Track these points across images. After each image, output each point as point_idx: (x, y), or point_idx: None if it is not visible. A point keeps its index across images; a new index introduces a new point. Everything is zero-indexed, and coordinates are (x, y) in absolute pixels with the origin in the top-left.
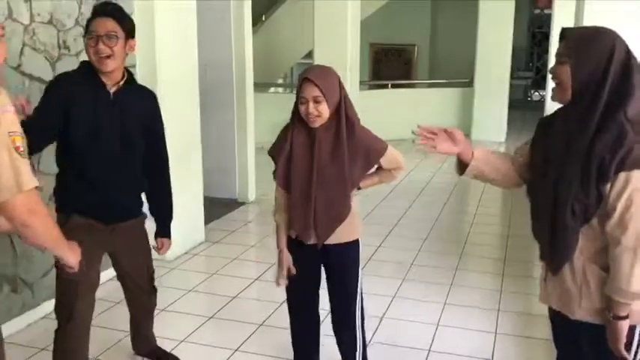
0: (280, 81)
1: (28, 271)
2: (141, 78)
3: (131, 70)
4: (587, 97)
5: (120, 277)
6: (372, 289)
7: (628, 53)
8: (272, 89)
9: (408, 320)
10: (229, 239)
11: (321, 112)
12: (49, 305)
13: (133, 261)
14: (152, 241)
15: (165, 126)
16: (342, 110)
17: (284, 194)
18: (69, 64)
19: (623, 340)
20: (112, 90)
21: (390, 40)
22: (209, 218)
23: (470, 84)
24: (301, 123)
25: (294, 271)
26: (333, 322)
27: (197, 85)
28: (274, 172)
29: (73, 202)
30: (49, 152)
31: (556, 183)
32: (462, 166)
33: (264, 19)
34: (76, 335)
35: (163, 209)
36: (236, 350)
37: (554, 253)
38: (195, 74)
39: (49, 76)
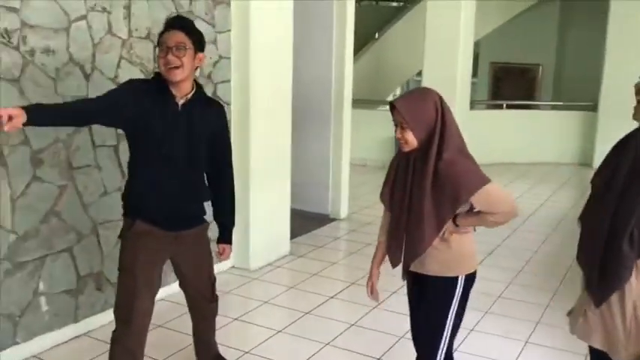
0: (390, 98)
1: (112, 271)
2: (234, 90)
3: (225, 83)
4: None
5: (182, 283)
6: None
7: None
8: (381, 107)
9: (481, 356)
10: (314, 254)
11: (407, 139)
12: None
13: (195, 268)
14: (214, 247)
15: (253, 138)
16: (436, 137)
17: (388, 215)
18: None
19: None
20: (181, 102)
21: (512, 59)
22: (299, 232)
23: (594, 108)
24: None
25: (375, 296)
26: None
27: (290, 99)
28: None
29: (139, 208)
30: None
31: (616, 207)
32: None
33: (377, 36)
34: (133, 337)
35: (226, 215)
36: None
37: (602, 282)
38: (288, 88)
39: None
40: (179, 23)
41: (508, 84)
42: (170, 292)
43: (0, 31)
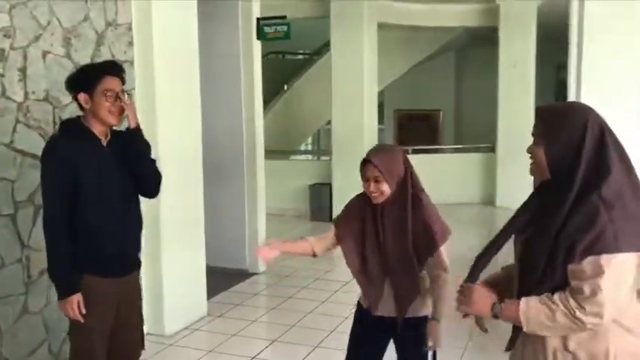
0: (303, 147)
1: (12, 350)
2: None
3: None
4: (562, 177)
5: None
6: None
7: (602, 130)
8: (293, 156)
9: None
10: (233, 313)
11: (382, 191)
12: None
13: (131, 315)
14: None
15: (163, 192)
16: (408, 185)
17: (328, 245)
18: None
19: None
20: (105, 142)
21: (414, 106)
22: (216, 290)
23: (493, 149)
24: (368, 200)
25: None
26: None
27: (200, 153)
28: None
29: (87, 259)
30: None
31: (522, 261)
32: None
33: (285, 88)
34: None
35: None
36: None
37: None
38: (198, 141)
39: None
40: (118, 69)
41: (412, 129)
42: None
43: None
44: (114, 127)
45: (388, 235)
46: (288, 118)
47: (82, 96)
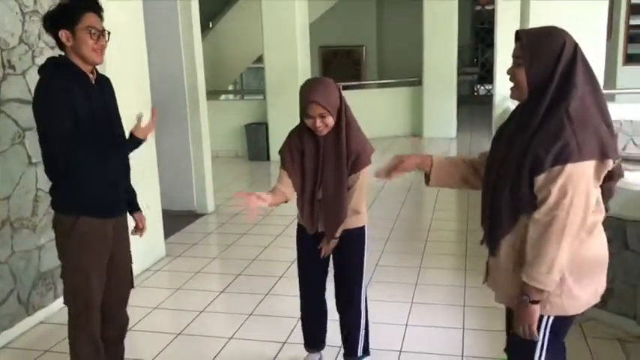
0: (231, 87)
1: None
2: None
3: None
4: (535, 95)
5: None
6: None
7: (575, 52)
8: (223, 96)
9: (376, 322)
10: (191, 252)
11: (327, 124)
12: (9, 334)
13: (124, 256)
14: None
15: None
16: (343, 116)
17: (289, 183)
18: (15, 84)
19: (536, 322)
20: (93, 79)
21: (338, 42)
22: (168, 232)
23: (419, 83)
24: (309, 129)
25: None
26: (338, 303)
27: (148, 94)
28: (282, 166)
29: (84, 200)
30: None
31: (497, 176)
32: (426, 176)
33: (211, 26)
34: (93, 326)
35: (130, 183)
36: None
37: (490, 235)
38: (146, 85)
39: None
40: (99, 7)
41: (336, 66)
42: (48, 313)
43: None
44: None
45: (327, 161)
46: (215, 57)
47: (63, 33)
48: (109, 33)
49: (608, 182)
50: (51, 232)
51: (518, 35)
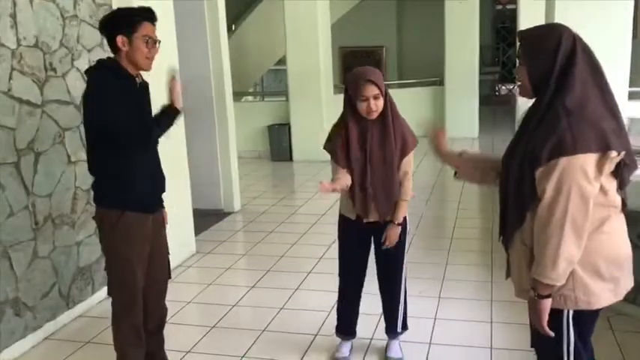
0: (251, 90)
1: (29, 294)
2: None
3: None
4: (538, 91)
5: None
6: (368, 289)
7: (574, 47)
8: (244, 98)
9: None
10: (220, 249)
11: (379, 107)
12: (51, 326)
13: (162, 249)
14: None
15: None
16: (388, 102)
17: (342, 171)
18: (56, 86)
19: (546, 317)
20: (139, 82)
21: (358, 43)
22: (198, 230)
23: (441, 82)
24: (354, 118)
25: (346, 182)
26: (382, 284)
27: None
28: (332, 159)
29: (128, 196)
30: None
31: (507, 174)
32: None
33: (233, 28)
34: (137, 315)
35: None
36: (243, 357)
37: (504, 231)
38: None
39: (37, 98)
40: (155, 17)
41: (356, 66)
42: (87, 307)
43: None
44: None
45: (374, 145)
46: (237, 59)
47: (120, 38)
48: (159, 42)
49: (619, 173)
50: (89, 229)
51: (519, 35)
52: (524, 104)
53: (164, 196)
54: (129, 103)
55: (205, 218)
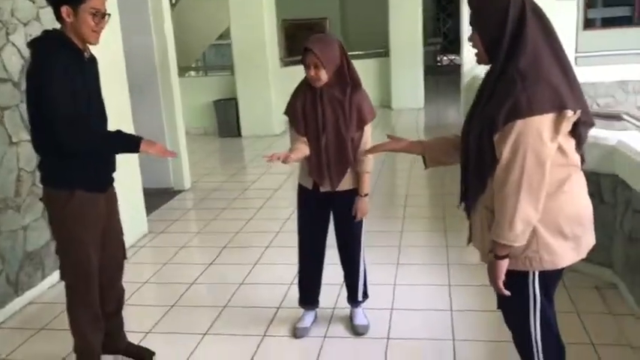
0: (194, 65)
1: None
2: None
3: None
4: (493, 57)
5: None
6: (328, 260)
7: (523, 9)
8: (187, 74)
9: (370, 283)
10: (173, 228)
11: (320, 76)
12: (0, 315)
13: (116, 228)
14: None
15: None
16: (345, 71)
17: (303, 140)
18: None
19: (502, 278)
20: (87, 56)
21: (300, 15)
22: (148, 209)
23: (386, 54)
24: (309, 84)
25: (281, 158)
26: (342, 258)
27: (125, 76)
28: (290, 124)
29: (79, 174)
30: None
31: (467, 140)
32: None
33: (174, 1)
34: (94, 299)
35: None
36: (205, 334)
37: (466, 196)
38: (122, 64)
39: None
40: None
41: (300, 39)
42: (37, 293)
43: None
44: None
45: (328, 114)
46: (179, 34)
47: (65, 9)
48: (109, 15)
49: (577, 131)
50: (36, 212)
51: (468, 2)
52: (468, 72)
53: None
54: (75, 79)
55: (155, 197)
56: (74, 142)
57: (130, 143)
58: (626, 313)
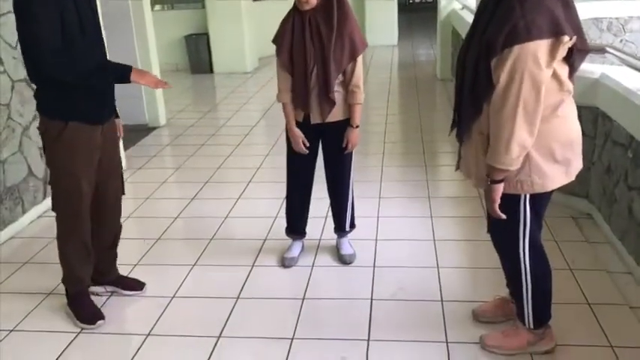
0: None
1: None
2: None
3: None
4: None
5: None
6: (314, 194)
7: None
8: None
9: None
10: (152, 164)
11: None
12: None
13: (115, 162)
14: None
15: None
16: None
17: (287, 77)
18: None
19: (498, 201)
20: None
21: None
22: (125, 145)
23: None
24: (298, 10)
25: (307, 143)
26: (330, 187)
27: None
28: (277, 55)
29: (73, 105)
30: None
31: (462, 67)
32: None
33: None
34: (84, 231)
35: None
36: (195, 265)
37: (459, 123)
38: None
39: None
40: None
41: None
42: (19, 228)
43: None
44: None
45: (315, 41)
46: None
47: None
48: None
49: (571, 59)
50: (13, 146)
51: None
52: (444, 8)
53: None
54: (66, 8)
55: (131, 133)
56: (61, 75)
57: (120, 73)
58: (601, 241)
